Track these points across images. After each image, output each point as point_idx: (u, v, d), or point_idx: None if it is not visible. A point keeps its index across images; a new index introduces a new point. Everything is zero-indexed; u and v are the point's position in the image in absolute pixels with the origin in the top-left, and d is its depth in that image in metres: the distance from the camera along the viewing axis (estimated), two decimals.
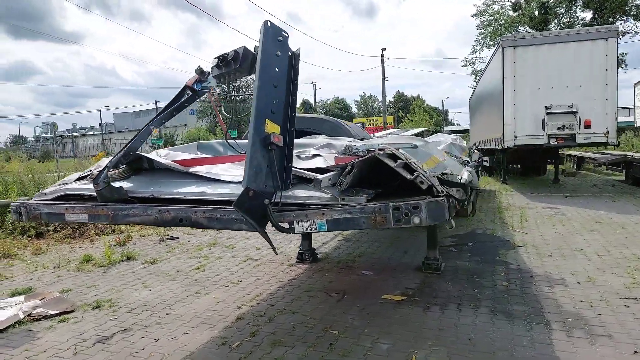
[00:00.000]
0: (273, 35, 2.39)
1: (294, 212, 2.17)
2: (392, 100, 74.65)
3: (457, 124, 64.06)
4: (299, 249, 6.17)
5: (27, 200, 3.16)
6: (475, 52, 34.73)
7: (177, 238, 7.81)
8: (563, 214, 9.34)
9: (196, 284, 5.27)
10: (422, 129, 25.68)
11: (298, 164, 2.77)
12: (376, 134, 18.67)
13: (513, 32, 25.48)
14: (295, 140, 3.11)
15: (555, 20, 30.07)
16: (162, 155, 3.49)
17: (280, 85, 2.33)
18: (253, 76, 2.42)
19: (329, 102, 66.74)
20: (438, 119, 71.35)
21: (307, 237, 6.10)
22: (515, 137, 12.51)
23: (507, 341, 3.59)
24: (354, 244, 7.07)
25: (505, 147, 12.73)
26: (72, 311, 4.48)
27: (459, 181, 2.38)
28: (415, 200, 2.14)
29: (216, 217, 2.27)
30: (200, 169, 2.90)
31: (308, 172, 2.49)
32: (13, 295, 4.94)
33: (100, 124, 71.53)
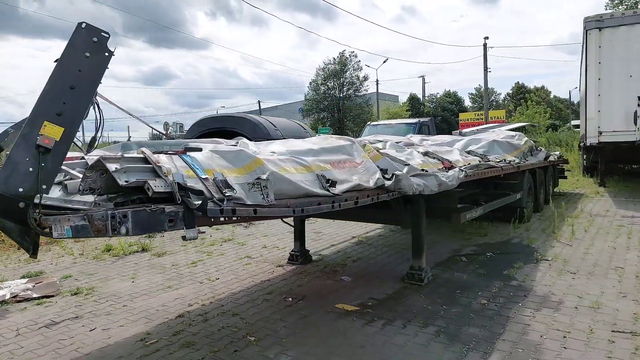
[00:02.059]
0: (86, 36, 2.36)
1: (52, 217, 2.12)
2: (510, 92, 69.21)
3: None
4: (291, 250, 6.07)
5: None
6: None
7: (204, 232, 8.13)
8: None
9: (177, 278, 5.45)
10: (523, 124, 23.46)
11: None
12: (462, 131, 17.65)
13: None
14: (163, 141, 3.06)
15: None
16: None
17: (80, 86, 2.29)
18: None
19: (438, 96, 63.59)
20: (566, 112, 64.09)
21: (299, 238, 5.96)
22: (600, 133, 10.87)
23: None
24: (362, 247, 6.75)
25: (588, 144, 11.12)
26: (53, 296, 4.92)
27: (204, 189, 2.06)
28: (125, 208, 1.96)
29: None
30: None
31: (77, 174, 2.43)
32: (23, 277, 5.59)
33: None
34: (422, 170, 4.21)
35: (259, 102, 51.57)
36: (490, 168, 5.91)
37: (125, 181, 2.07)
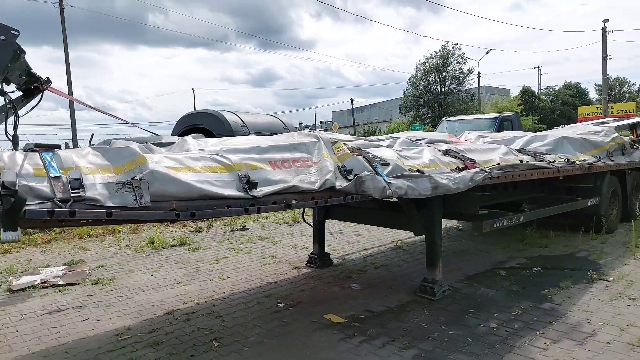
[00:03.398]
0: None
1: None
2: None
3: None
4: (310, 253, 5.82)
5: None
6: None
7: (247, 229, 8.22)
8: None
9: (193, 274, 5.50)
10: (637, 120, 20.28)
11: None
12: (572, 125, 15.92)
13: None
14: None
15: None
16: None
17: None
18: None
19: (557, 88, 56.83)
20: None
21: (317, 240, 5.69)
22: None
23: None
24: (394, 253, 6.27)
25: None
26: (76, 284, 5.23)
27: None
28: None
29: None
30: None
31: None
32: (65, 264, 6.05)
33: (321, 122, 77.31)
34: (417, 171, 3.70)
35: (351, 100, 51.34)
36: (534, 169, 5.07)
37: None
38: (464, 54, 45.48)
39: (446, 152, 4.63)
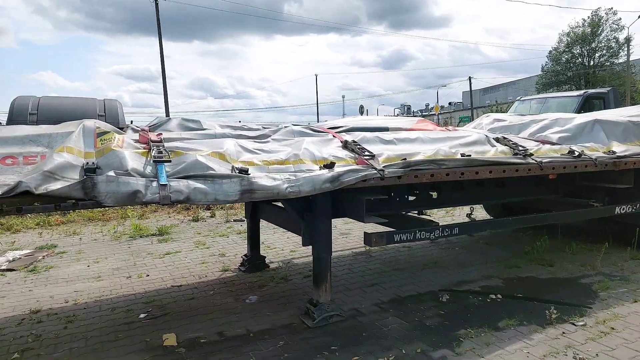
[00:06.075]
0: None
1: None
2: None
3: None
4: (243, 255, 5.24)
5: None
6: None
7: (243, 220, 7.85)
8: None
9: (124, 268, 5.30)
10: None
11: None
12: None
13: None
14: None
15: None
16: None
17: None
18: None
19: None
20: None
21: (250, 241, 5.08)
22: None
23: None
24: (354, 259, 5.37)
25: None
26: (15, 270, 5.36)
27: None
28: None
29: None
30: None
31: None
32: (35, 249, 6.30)
33: (450, 103, 71.84)
34: (239, 170, 2.90)
35: (469, 78, 47.13)
36: (482, 165, 3.80)
37: None
38: (620, 19, 37.85)
39: (345, 145, 3.69)
